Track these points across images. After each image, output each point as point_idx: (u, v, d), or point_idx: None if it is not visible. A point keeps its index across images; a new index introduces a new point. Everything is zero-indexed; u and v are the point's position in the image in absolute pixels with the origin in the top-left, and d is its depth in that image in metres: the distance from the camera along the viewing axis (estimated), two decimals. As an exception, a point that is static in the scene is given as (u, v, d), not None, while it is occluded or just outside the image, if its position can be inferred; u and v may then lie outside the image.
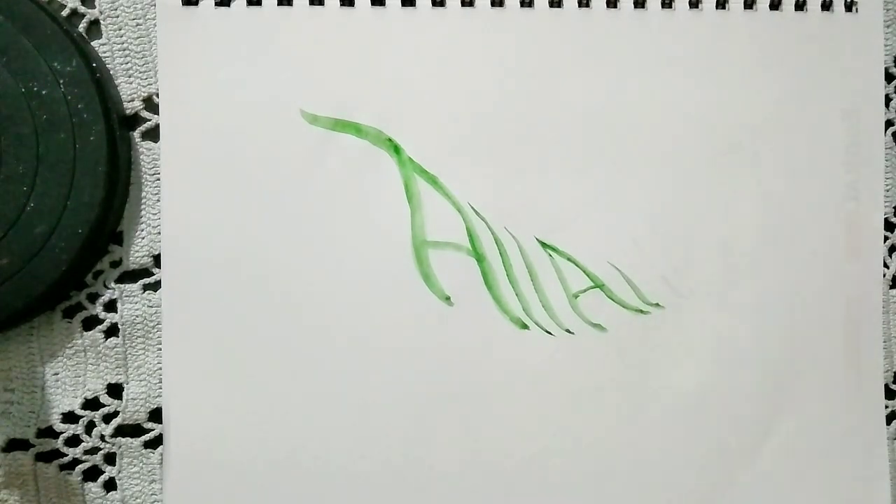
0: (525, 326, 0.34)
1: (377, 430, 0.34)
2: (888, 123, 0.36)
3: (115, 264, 0.34)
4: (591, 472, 0.34)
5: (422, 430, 0.34)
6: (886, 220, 0.35)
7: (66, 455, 0.34)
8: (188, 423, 0.34)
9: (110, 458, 0.34)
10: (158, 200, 0.34)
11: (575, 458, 0.34)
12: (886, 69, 0.35)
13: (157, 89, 0.34)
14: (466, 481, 0.34)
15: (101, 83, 0.32)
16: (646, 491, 0.35)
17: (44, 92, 0.32)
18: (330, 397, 0.34)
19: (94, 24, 0.34)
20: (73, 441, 0.34)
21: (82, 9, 0.34)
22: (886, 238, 0.36)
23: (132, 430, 0.34)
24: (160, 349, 0.34)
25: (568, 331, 0.35)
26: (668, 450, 0.35)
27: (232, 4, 0.34)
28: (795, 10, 0.35)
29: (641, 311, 0.35)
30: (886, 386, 0.35)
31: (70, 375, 0.34)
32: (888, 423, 0.35)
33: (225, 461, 0.34)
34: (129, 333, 0.34)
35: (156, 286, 0.34)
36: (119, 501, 0.34)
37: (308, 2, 0.34)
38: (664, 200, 0.35)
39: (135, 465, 0.34)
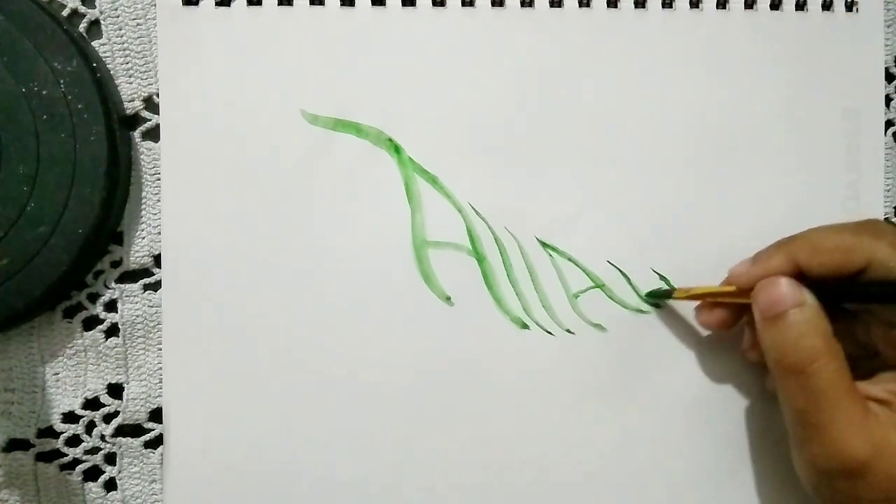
0: (525, 326, 0.34)
1: (377, 429, 0.34)
2: (888, 123, 0.36)
3: (116, 264, 0.34)
4: (591, 471, 0.34)
5: (421, 430, 0.34)
6: (886, 220, 0.35)
7: (67, 455, 0.34)
8: (188, 423, 0.34)
9: (110, 458, 0.34)
10: (158, 200, 0.34)
11: (575, 458, 0.34)
12: (886, 69, 0.35)
13: (157, 89, 0.34)
14: (467, 481, 0.34)
15: (101, 83, 0.32)
16: (646, 490, 0.35)
17: (44, 92, 0.32)
18: (329, 397, 0.34)
19: (95, 24, 0.34)
20: (74, 441, 0.34)
21: (82, 9, 0.34)
22: (886, 238, 0.35)
23: (132, 430, 0.34)
24: (160, 349, 0.34)
25: (568, 331, 0.35)
26: (669, 449, 0.35)
27: (232, 4, 0.34)
28: (795, 10, 0.35)
29: (641, 311, 0.35)
30: (886, 386, 0.35)
31: (70, 375, 0.34)
32: (888, 422, 0.35)
33: (225, 461, 0.34)
34: (130, 333, 0.34)
35: (156, 286, 0.34)
36: (119, 501, 0.34)
37: (308, 2, 0.34)
38: (664, 200, 0.35)
39: (135, 465, 0.34)
